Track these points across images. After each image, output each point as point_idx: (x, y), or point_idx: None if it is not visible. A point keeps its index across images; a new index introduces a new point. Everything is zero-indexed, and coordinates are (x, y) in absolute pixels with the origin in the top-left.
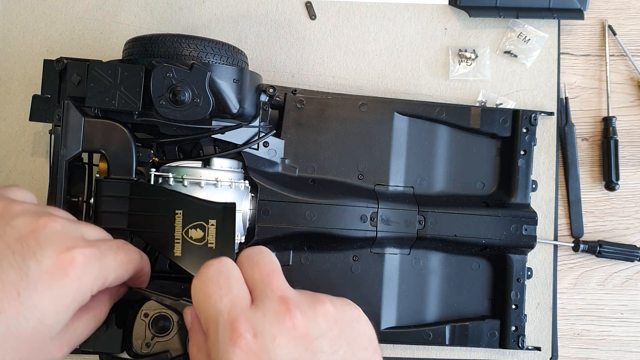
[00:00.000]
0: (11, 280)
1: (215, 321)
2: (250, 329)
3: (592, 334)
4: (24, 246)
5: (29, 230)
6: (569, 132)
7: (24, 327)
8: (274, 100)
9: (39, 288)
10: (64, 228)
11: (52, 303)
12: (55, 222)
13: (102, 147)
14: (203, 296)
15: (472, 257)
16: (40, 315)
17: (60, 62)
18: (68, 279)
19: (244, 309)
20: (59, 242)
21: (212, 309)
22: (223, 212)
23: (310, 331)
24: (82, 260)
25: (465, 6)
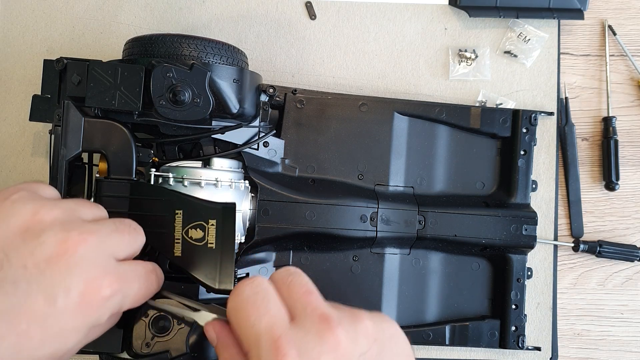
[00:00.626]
0: (39, 306)
1: (257, 343)
2: (293, 348)
3: (592, 334)
4: (54, 270)
5: (59, 251)
6: (569, 132)
7: (44, 353)
8: (274, 100)
9: (64, 317)
10: (94, 251)
11: (74, 332)
12: (85, 243)
13: (102, 147)
14: (241, 318)
15: (472, 257)
16: (62, 342)
17: (60, 62)
18: (92, 310)
19: (284, 328)
20: (88, 270)
21: (252, 329)
22: (223, 212)
23: (352, 350)
24: (109, 293)
25: (465, 6)
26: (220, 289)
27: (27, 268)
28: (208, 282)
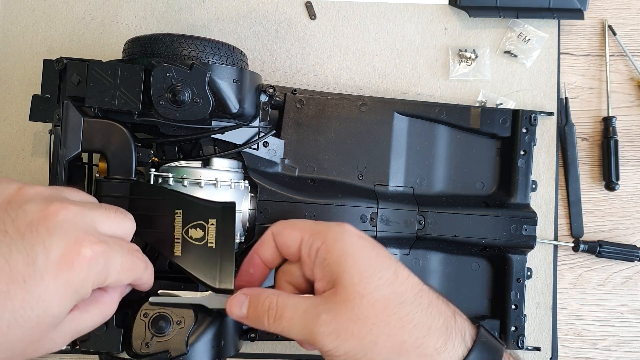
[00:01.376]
0: (19, 267)
1: (314, 225)
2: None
3: (592, 334)
4: (34, 232)
5: (40, 216)
6: (569, 132)
7: (28, 316)
8: (274, 100)
9: (45, 278)
10: (76, 217)
11: (56, 294)
12: (67, 209)
13: (102, 147)
14: (297, 221)
15: (472, 257)
16: (44, 305)
17: (60, 62)
18: (73, 271)
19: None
20: (68, 232)
21: (306, 223)
22: (223, 212)
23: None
24: (89, 254)
25: (465, 6)
26: (220, 288)
27: (8, 233)
28: (208, 281)
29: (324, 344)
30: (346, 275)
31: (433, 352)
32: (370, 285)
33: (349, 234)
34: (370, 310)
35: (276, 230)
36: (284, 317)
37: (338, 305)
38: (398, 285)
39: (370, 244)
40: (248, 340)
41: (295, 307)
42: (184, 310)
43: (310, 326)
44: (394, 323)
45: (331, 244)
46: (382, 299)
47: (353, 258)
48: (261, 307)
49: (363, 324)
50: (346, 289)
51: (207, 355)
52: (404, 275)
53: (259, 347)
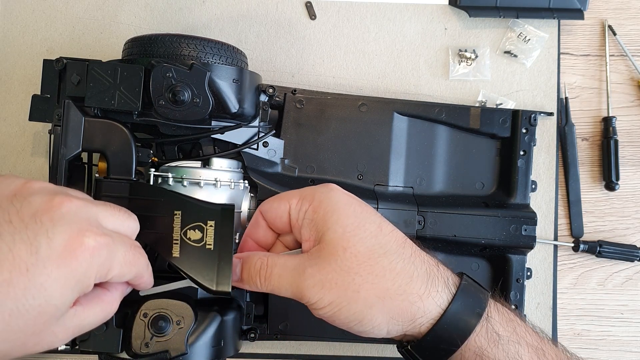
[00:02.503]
0: (22, 255)
1: (301, 191)
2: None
3: (592, 334)
4: (38, 222)
5: (45, 208)
6: (569, 132)
7: (30, 304)
8: (274, 100)
9: (47, 266)
10: (80, 209)
11: (58, 283)
12: (71, 202)
13: (102, 147)
14: (277, 196)
15: (472, 258)
16: (46, 295)
17: (59, 62)
18: (76, 261)
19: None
20: (72, 223)
21: (290, 192)
22: (222, 214)
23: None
24: (92, 245)
25: (465, 6)
26: (217, 290)
27: (12, 222)
28: (205, 283)
29: (310, 296)
30: (330, 231)
31: (416, 298)
32: (353, 238)
33: (335, 192)
34: (353, 261)
35: (264, 208)
36: (273, 275)
37: (322, 259)
38: (382, 237)
39: (357, 201)
40: (248, 340)
41: (284, 265)
42: (184, 310)
43: (297, 281)
44: (377, 272)
45: (317, 204)
46: (365, 250)
47: (337, 214)
48: (253, 268)
49: (346, 274)
50: (330, 243)
51: (207, 355)
52: (387, 228)
53: (259, 347)
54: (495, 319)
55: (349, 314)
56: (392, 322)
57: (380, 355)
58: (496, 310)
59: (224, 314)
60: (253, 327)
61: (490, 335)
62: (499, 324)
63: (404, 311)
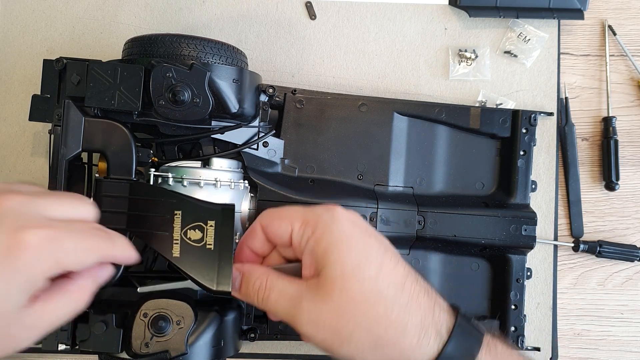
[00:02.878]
0: None
1: (305, 212)
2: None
3: (592, 334)
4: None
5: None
6: (569, 132)
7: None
8: (274, 100)
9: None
10: (20, 206)
11: (4, 286)
12: (10, 200)
13: (102, 147)
14: (283, 211)
15: (472, 258)
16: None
17: (59, 62)
18: (19, 261)
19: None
20: (12, 221)
21: (295, 210)
22: (222, 213)
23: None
24: (34, 241)
25: (465, 6)
26: (217, 290)
27: None
28: (206, 283)
29: (304, 330)
30: (330, 268)
31: (407, 348)
32: (350, 280)
33: (338, 223)
34: (349, 304)
35: (265, 222)
36: (270, 299)
37: (319, 296)
38: (380, 281)
39: (360, 233)
40: (248, 340)
41: (281, 291)
42: (184, 310)
43: (292, 312)
44: (371, 319)
45: (319, 235)
46: (362, 294)
47: (338, 251)
48: (252, 287)
49: (340, 317)
50: (327, 281)
51: (207, 355)
52: (388, 268)
53: (259, 347)
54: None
55: (340, 354)
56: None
57: None
58: (489, 354)
59: (224, 314)
60: (253, 327)
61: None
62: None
63: (394, 359)
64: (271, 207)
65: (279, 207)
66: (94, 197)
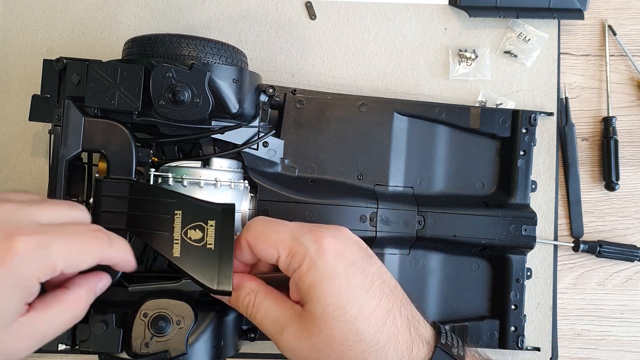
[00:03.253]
0: None
1: (293, 238)
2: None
3: (592, 334)
4: None
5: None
6: (569, 132)
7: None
8: (274, 100)
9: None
10: (9, 214)
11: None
12: (1, 208)
13: (102, 147)
14: (272, 230)
15: (472, 258)
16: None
17: (59, 62)
18: (9, 268)
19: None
20: (1, 230)
21: (285, 234)
22: (222, 213)
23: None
24: (22, 248)
25: (465, 6)
26: (218, 289)
27: None
28: (206, 283)
29: (285, 354)
30: (311, 306)
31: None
32: (331, 321)
33: (324, 259)
34: (327, 344)
35: (252, 241)
36: (257, 317)
37: (300, 330)
38: (359, 323)
39: (344, 270)
40: (248, 340)
41: (267, 312)
42: (184, 310)
43: (275, 336)
44: (348, 359)
45: (304, 272)
46: (340, 335)
47: (320, 290)
48: (241, 302)
49: (319, 354)
50: (309, 318)
51: (207, 355)
52: (369, 309)
53: (259, 347)
54: None
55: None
56: None
57: None
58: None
59: (224, 314)
60: (253, 327)
61: None
62: None
63: None
64: (273, 207)
65: (267, 225)
66: (94, 197)
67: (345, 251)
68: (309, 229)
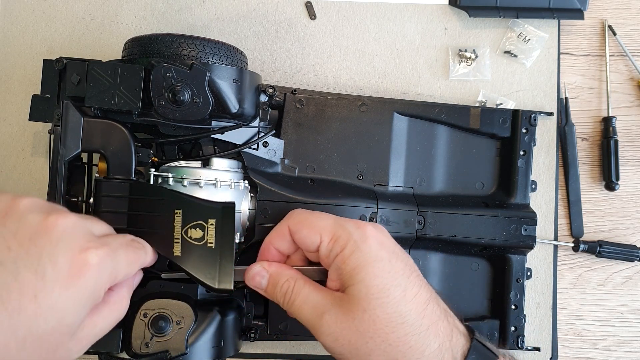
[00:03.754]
0: (28, 282)
1: (335, 226)
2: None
3: (592, 334)
4: (38, 246)
5: (41, 229)
6: (569, 132)
7: (43, 328)
8: (274, 100)
9: (55, 289)
10: (75, 225)
11: (68, 303)
12: (66, 218)
13: (102, 147)
14: (315, 218)
15: (472, 258)
16: (58, 316)
17: (59, 62)
18: (83, 279)
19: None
20: (71, 242)
21: (328, 220)
22: (222, 212)
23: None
24: (96, 261)
25: (465, 6)
26: (219, 288)
27: (12, 249)
28: (207, 281)
29: (323, 341)
30: (354, 288)
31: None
32: (375, 302)
33: (367, 243)
34: (371, 325)
35: (294, 227)
36: (295, 304)
37: (342, 313)
38: (403, 305)
39: (387, 255)
40: (248, 340)
41: (306, 299)
42: (184, 310)
43: (314, 322)
44: (391, 341)
45: (348, 255)
46: (384, 317)
47: (365, 272)
48: (279, 289)
49: (361, 336)
50: (352, 300)
51: (207, 355)
52: (411, 293)
53: (259, 347)
54: None
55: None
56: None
57: None
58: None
59: (224, 314)
60: (253, 327)
61: None
62: None
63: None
64: (273, 207)
65: (310, 213)
66: (94, 197)
67: (386, 241)
68: (350, 219)
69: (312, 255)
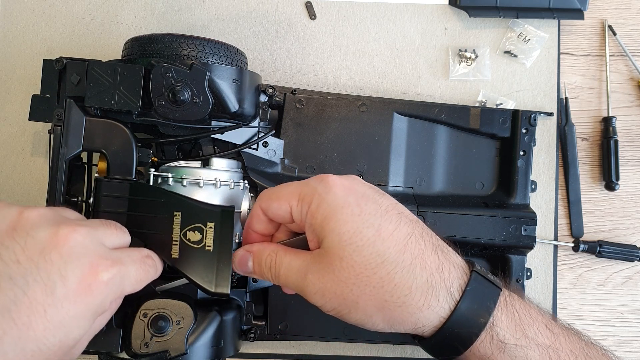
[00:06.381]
0: (37, 298)
1: (299, 187)
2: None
3: (592, 334)
4: (48, 261)
5: (52, 243)
6: (569, 132)
7: (51, 342)
8: (274, 100)
9: (64, 305)
10: (85, 239)
11: (76, 319)
12: (76, 232)
13: (103, 147)
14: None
15: (472, 258)
16: (66, 330)
17: (59, 61)
18: (92, 297)
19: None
20: (82, 257)
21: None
22: (222, 215)
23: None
24: (106, 278)
25: (465, 6)
26: (216, 292)
27: (21, 263)
28: (204, 285)
29: (313, 300)
30: (327, 239)
31: (415, 310)
32: (349, 247)
33: (332, 193)
34: (350, 271)
35: (264, 205)
36: (281, 275)
37: (322, 267)
38: (379, 244)
39: (355, 199)
40: (248, 340)
41: (289, 266)
42: (184, 310)
43: (300, 284)
44: (374, 283)
45: (315, 209)
46: (362, 260)
47: (334, 220)
48: (264, 264)
49: (345, 285)
50: (328, 251)
51: (207, 355)
52: (387, 231)
53: (259, 347)
54: (502, 325)
55: (352, 319)
56: (393, 327)
57: (381, 355)
58: (505, 312)
59: (224, 314)
60: (253, 327)
61: (495, 342)
62: (505, 330)
63: (404, 321)
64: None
65: (276, 187)
66: (94, 197)
67: (353, 186)
68: (315, 176)
69: (294, 226)
